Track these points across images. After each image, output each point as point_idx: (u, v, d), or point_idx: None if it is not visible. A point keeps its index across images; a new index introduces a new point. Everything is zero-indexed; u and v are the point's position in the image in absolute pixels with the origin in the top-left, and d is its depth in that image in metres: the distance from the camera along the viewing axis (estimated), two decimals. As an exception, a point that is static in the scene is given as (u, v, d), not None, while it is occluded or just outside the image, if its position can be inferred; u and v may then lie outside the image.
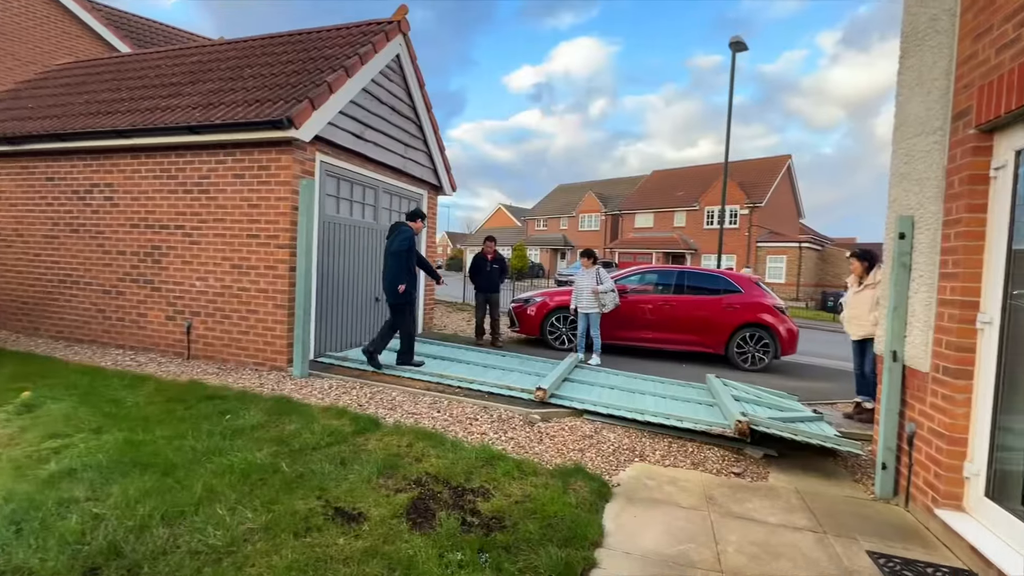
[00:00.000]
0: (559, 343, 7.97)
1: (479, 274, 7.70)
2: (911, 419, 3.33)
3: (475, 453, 3.55)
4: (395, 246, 5.37)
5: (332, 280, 6.06)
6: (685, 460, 3.91)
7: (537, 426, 4.27)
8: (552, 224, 43.70)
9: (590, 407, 4.60)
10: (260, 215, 5.36)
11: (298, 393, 4.67)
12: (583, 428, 4.31)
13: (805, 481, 3.70)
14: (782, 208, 32.33)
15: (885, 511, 3.29)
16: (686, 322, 7.66)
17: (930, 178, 3.26)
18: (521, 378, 5.50)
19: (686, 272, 8.10)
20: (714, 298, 7.69)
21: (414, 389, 4.93)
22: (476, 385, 5.09)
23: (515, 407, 4.59)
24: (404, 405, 4.54)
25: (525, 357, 6.70)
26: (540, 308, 8.01)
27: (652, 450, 4.03)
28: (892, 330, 3.46)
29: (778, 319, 7.49)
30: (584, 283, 7.02)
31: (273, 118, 4.89)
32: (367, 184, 6.69)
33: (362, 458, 3.35)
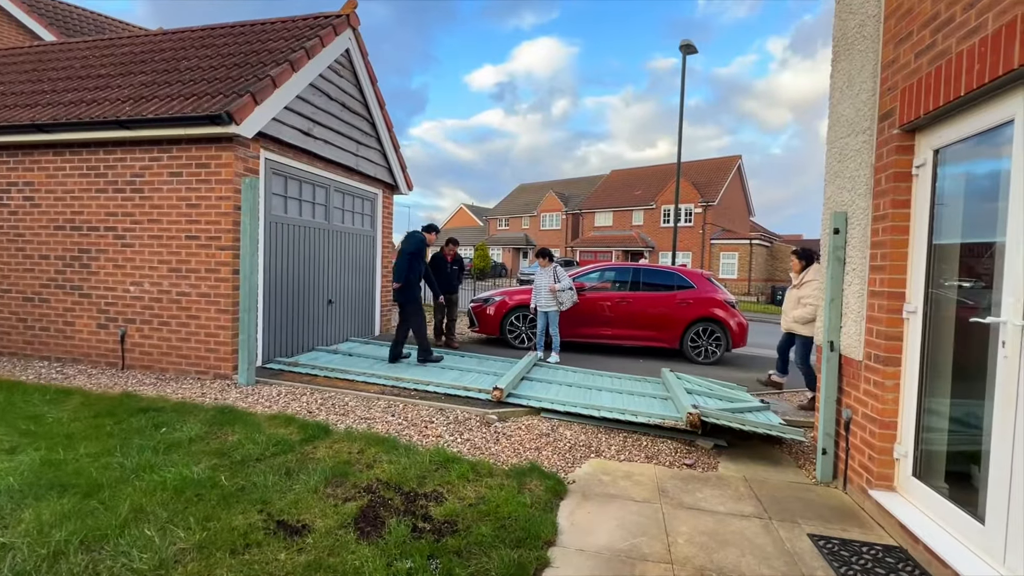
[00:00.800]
0: (519, 342, 7.97)
1: (439, 274, 7.58)
2: (847, 405, 3.49)
3: (429, 457, 3.47)
4: (403, 247, 5.92)
5: (281, 283, 5.82)
6: (639, 454, 3.97)
7: (494, 426, 4.24)
8: (514, 223, 43.82)
9: (547, 405, 4.61)
10: (200, 215, 5.07)
11: (243, 402, 4.45)
12: (540, 427, 4.31)
13: (753, 469, 3.83)
14: (734, 206, 33.64)
15: (825, 495, 3.44)
16: (642, 318, 7.82)
17: (860, 176, 3.43)
18: (479, 378, 5.45)
19: (641, 269, 8.27)
20: (668, 294, 7.88)
21: (368, 393, 4.80)
22: (432, 387, 5.00)
23: (472, 408, 4.53)
24: (357, 410, 4.40)
25: (483, 357, 6.66)
26: (499, 307, 7.98)
27: (608, 446, 4.07)
28: (829, 321, 3.62)
29: (729, 313, 7.75)
30: (542, 282, 7.04)
31: (211, 113, 4.64)
32: (318, 183, 6.47)
33: (309, 467, 3.21)
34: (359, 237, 7.53)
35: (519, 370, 5.42)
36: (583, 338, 7.89)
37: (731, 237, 29.88)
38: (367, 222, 7.79)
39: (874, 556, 2.67)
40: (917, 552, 2.62)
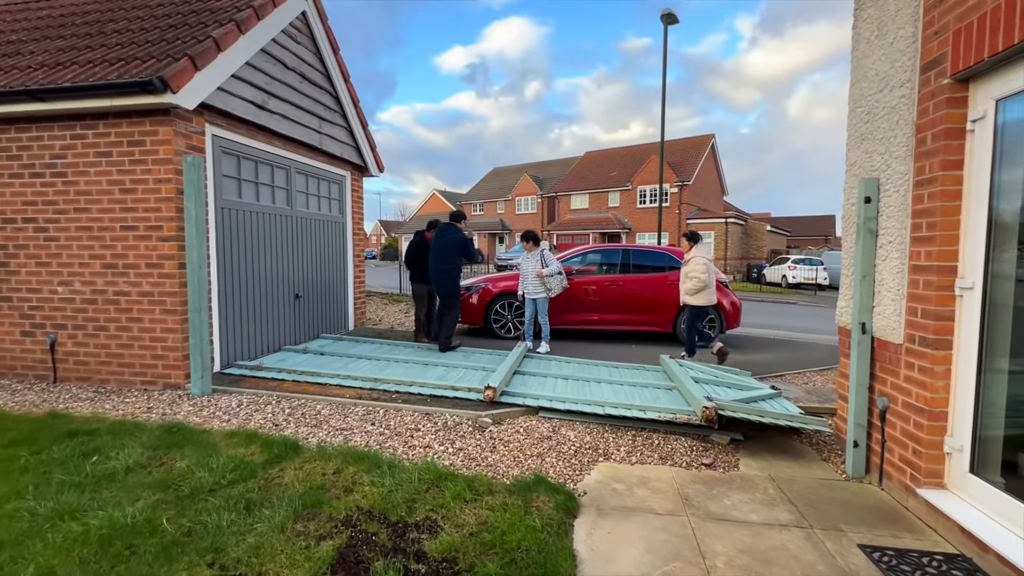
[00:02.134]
0: (505, 331, 7.50)
1: (422, 262, 6.89)
2: (882, 393, 3.16)
3: (418, 474, 2.99)
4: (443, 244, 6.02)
5: (239, 277, 5.17)
6: (652, 454, 3.57)
7: (489, 431, 3.77)
8: (489, 208, 43.07)
9: (545, 403, 4.17)
10: (137, 202, 4.37)
11: (196, 416, 3.85)
12: (540, 428, 3.87)
13: (776, 466, 3.48)
14: (708, 186, 33.72)
15: (861, 493, 3.11)
16: (633, 301, 7.45)
17: (897, 136, 3.04)
18: (467, 375, 4.97)
19: (630, 250, 7.88)
20: (659, 275, 7.51)
21: (343, 399, 4.25)
22: (416, 388, 4.49)
23: (462, 410, 4.05)
24: (331, 420, 3.86)
25: (469, 350, 6.16)
26: (483, 295, 7.48)
27: (616, 446, 3.66)
28: (859, 300, 3.26)
29: (722, 293, 7.44)
30: (528, 267, 6.56)
31: (141, 79, 3.93)
32: (277, 164, 5.78)
33: (275, 498, 2.69)
34: (327, 224, 6.87)
35: (510, 364, 4.96)
36: (571, 324, 7.48)
37: (707, 216, 29.96)
38: (335, 207, 7.13)
39: (938, 569, 2.33)
40: (987, 562, 2.29)
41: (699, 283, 5.81)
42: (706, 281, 5.81)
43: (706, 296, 5.89)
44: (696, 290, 5.87)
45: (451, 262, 6.02)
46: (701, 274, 5.79)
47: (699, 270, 5.81)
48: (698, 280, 5.80)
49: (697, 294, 5.90)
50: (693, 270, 5.86)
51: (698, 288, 5.84)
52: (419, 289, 7.00)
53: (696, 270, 5.83)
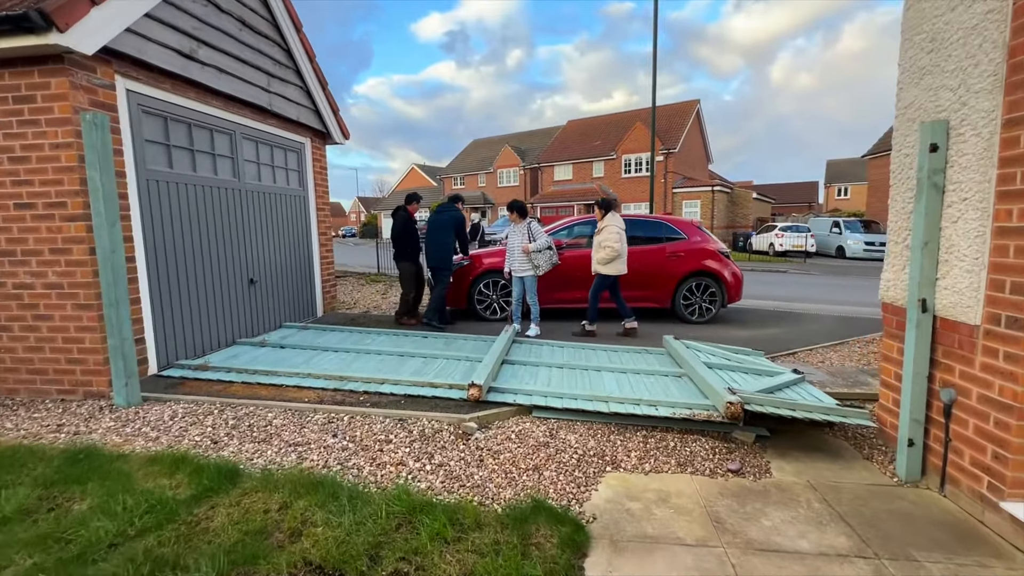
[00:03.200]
0: (490, 313, 6.86)
1: (412, 239, 6.44)
2: (947, 384, 2.62)
3: (386, 505, 2.37)
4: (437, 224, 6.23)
5: (176, 262, 4.40)
6: (669, 460, 3.02)
7: (474, 438, 3.17)
8: (470, 181, 41.85)
9: (540, 400, 3.57)
10: (32, 173, 3.56)
11: (118, 434, 3.17)
12: (535, 432, 3.27)
13: (813, 468, 2.96)
14: (693, 153, 33.06)
15: (923, 503, 2.60)
16: (630, 276, 6.81)
17: (979, 64, 2.41)
18: (447, 368, 4.34)
19: (625, 220, 7.21)
20: (656, 247, 6.91)
21: (301, 403, 3.60)
22: (388, 387, 3.85)
23: (443, 413, 3.44)
24: (284, 432, 3.21)
25: (451, 336, 5.53)
26: (465, 273, 6.79)
27: (626, 451, 3.10)
28: (919, 272, 2.68)
29: (723, 264, 6.90)
30: (515, 242, 5.89)
31: (14, 13, 3.07)
32: (217, 127, 4.94)
33: (198, 552, 2.05)
34: (285, 197, 6.06)
35: (497, 353, 4.34)
36: (559, 303, 6.87)
37: (692, 185, 29.39)
38: (294, 178, 6.31)
39: (1054, 616, 1.82)
40: (1117, 607, 1.79)
41: (612, 252, 5.73)
42: (619, 251, 5.78)
43: (618, 266, 5.84)
44: (609, 259, 5.79)
45: (446, 237, 6.17)
46: (615, 243, 5.73)
47: (613, 239, 5.73)
48: (611, 249, 5.72)
49: (610, 264, 5.82)
50: (607, 239, 5.76)
51: (611, 257, 5.77)
52: (406, 268, 6.46)
53: (610, 239, 5.74)
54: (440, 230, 6.19)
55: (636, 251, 6.91)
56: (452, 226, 6.24)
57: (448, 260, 6.22)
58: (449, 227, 6.22)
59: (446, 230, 6.20)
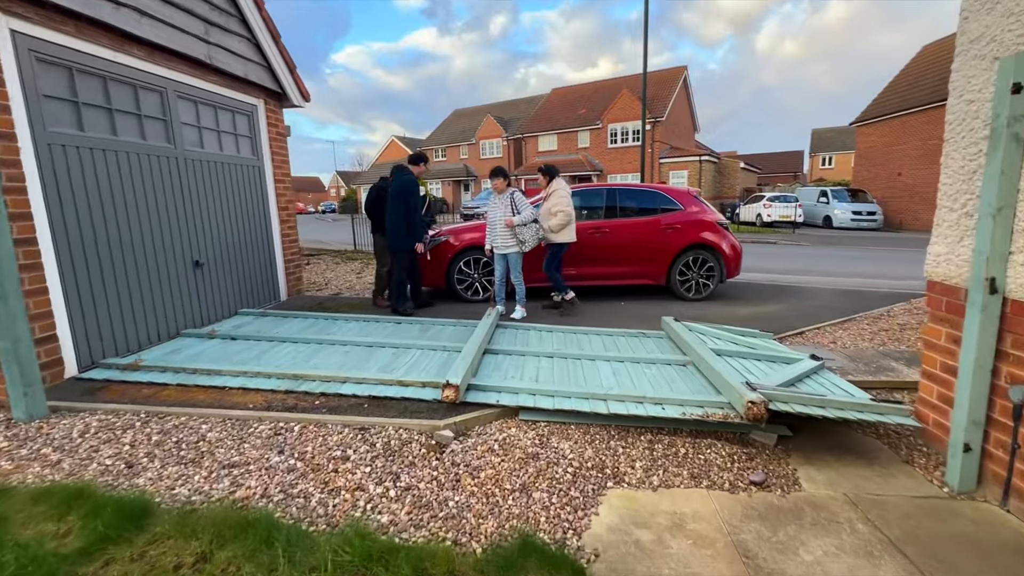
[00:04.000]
0: (471, 293, 6.30)
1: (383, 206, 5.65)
2: (1017, 380, 2.17)
3: (334, 554, 1.86)
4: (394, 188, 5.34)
5: (99, 243, 3.73)
6: (680, 471, 2.55)
7: (450, 451, 2.66)
8: (452, 154, 40.55)
9: (527, 400, 3.06)
10: None
11: (8, 459, 2.57)
12: (522, 440, 2.78)
13: (848, 476, 2.53)
14: (681, 122, 32.29)
15: (985, 521, 2.18)
16: (621, 251, 6.33)
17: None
18: (422, 360, 3.80)
19: (617, 190, 6.65)
20: (652, 219, 6.38)
21: (245, 410, 3.03)
22: (350, 386, 3.30)
23: (413, 420, 2.91)
24: (219, 449, 2.66)
25: (427, 322, 4.97)
26: (443, 251, 6.19)
27: (630, 460, 2.63)
28: (990, 244, 2.19)
29: (721, 237, 6.41)
30: (497, 215, 5.29)
31: None
32: (142, 83, 4.19)
33: (66, 641, 1.52)
34: (235, 168, 5.35)
35: (478, 341, 3.80)
36: (546, 282, 6.33)
37: (679, 155, 28.76)
38: (245, 145, 5.57)
39: None
40: None
41: (566, 216, 5.38)
42: (571, 215, 5.45)
43: (569, 232, 5.48)
44: (563, 225, 5.42)
45: (399, 208, 5.29)
46: (567, 207, 5.40)
47: (564, 203, 5.39)
48: (565, 213, 5.37)
49: (563, 230, 5.45)
50: (557, 204, 5.39)
51: (564, 223, 5.40)
52: (378, 240, 5.93)
53: (561, 203, 5.39)
54: (392, 200, 5.33)
55: (629, 224, 6.39)
56: (399, 195, 5.28)
57: (403, 237, 5.33)
58: (396, 197, 5.30)
59: (396, 200, 5.30)
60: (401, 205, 5.26)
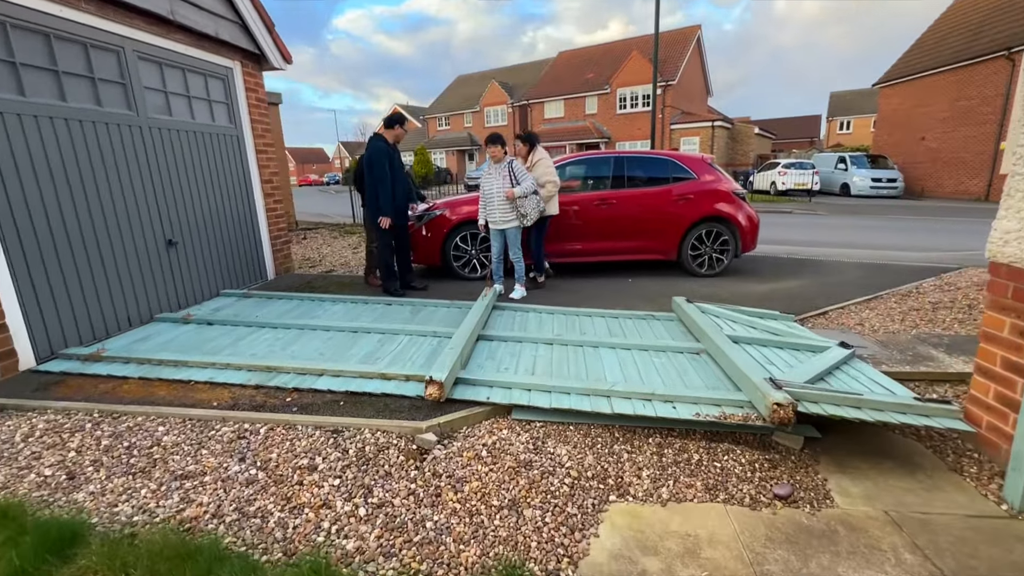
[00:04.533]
0: (469, 271, 5.94)
1: None
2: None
3: (285, 594, 1.57)
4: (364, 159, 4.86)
5: (51, 221, 3.40)
6: (693, 481, 2.24)
7: (432, 458, 2.35)
8: (455, 122, 39.47)
9: (521, 398, 2.74)
10: None
11: (-61, 468, 2.31)
12: (514, 444, 2.46)
13: (888, 490, 2.19)
14: (693, 86, 30.97)
15: (1059, 550, 1.85)
16: (630, 224, 5.90)
17: None
18: (409, 348, 3.48)
19: (625, 158, 6.16)
20: (663, 189, 5.91)
21: (208, 409, 2.74)
22: (327, 380, 2.99)
23: (391, 420, 2.60)
24: (174, 456, 2.38)
25: (419, 303, 4.64)
26: (438, 226, 5.80)
27: (635, 468, 2.31)
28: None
29: (737, 208, 5.95)
30: (493, 186, 4.86)
31: None
32: (94, 42, 3.76)
33: None
34: (210, 137, 4.94)
35: (470, 326, 3.47)
36: (550, 258, 5.95)
37: (691, 120, 27.65)
38: (221, 112, 5.14)
39: None
40: None
41: (555, 187, 5.15)
42: (558, 184, 5.23)
43: (554, 205, 5.23)
44: (552, 195, 5.15)
45: (370, 183, 4.84)
46: (554, 176, 5.15)
47: (551, 172, 5.13)
48: (554, 183, 5.13)
49: (552, 200, 5.17)
50: (545, 174, 5.11)
51: (554, 193, 5.16)
52: (367, 214, 5.40)
53: (549, 173, 5.12)
54: (365, 171, 4.84)
55: (637, 195, 5.93)
56: (367, 166, 4.76)
57: (374, 214, 4.80)
58: (366, 167, 4.78)
59: (367, 171, 4.79)
60: (370, 176, 4.78)
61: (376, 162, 4.73)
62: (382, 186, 4.75)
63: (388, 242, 4.98)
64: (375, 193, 4.79)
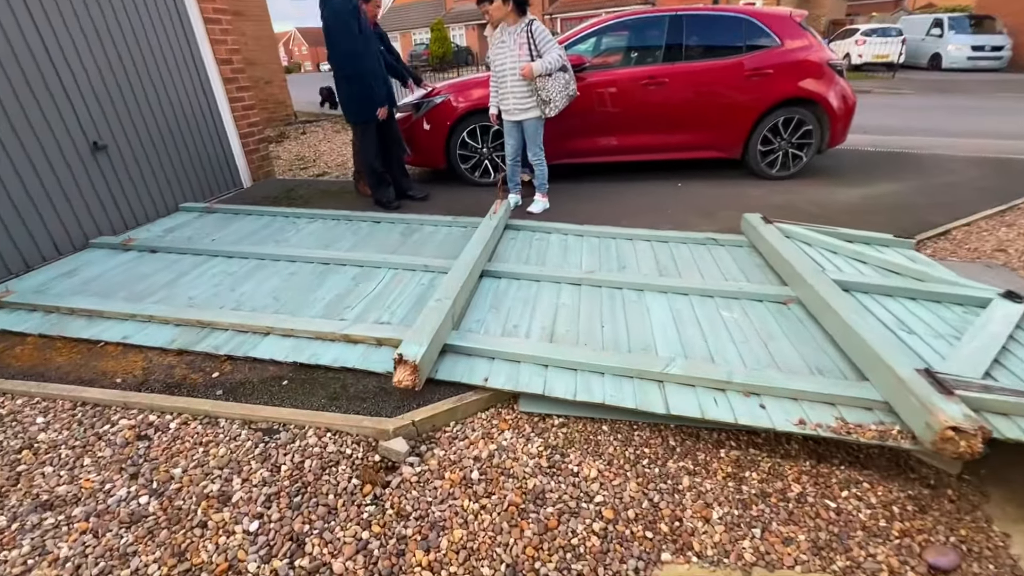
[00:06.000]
0: (480, 174, 4.85)
1: None
2: None
3: None
4: None
5: None
6: (795, 533, 1.45)
7: (399, 482, 1.61)
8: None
9: (533, 381, 1.90)
10: None
11: None
12: (519, 460, 1.69)
13: (1119, 562, 1.36)
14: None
15: None
16: (685, 111, 4.57)
17: None
18: (389, 291, 2.64)
19: (685, 18, 4.60)
20: (732, 62, 4.46)
21: (111, 389, 2.04)
22: (272, 342, 2.21)
23: (347, 417, 1.84)
24: (45, 469, 1.70)
25: (415, 220, 3.70)
26: (440, 116, 4.61)
27: (701, 506, 1.53)
28: None
29: (829, 84, 4.50)
30: (506, 60, 3.60)
31: None
32: None
33: None
34: (134, 4, 3.75)
35: (470, 263, 2.57)
36: (578, 157, 4.78)
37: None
38: (146, -35, 3.86)
39: None
40: None
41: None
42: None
43: None
44: None
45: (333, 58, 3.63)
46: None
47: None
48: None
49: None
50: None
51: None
52: None
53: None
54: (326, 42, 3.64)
55: (697, 70, 4.51)
56: (325, 34, 3.57)
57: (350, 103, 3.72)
58: (325, 36, 3.59)
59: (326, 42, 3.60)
60: (334, 51, 3.57)
61: (337, 28, 3.48)
62: (349, 62, 3.57)
63: (372, 139, 3.91)
64: (344, 74, 3.63)
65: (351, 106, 3.76)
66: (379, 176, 4.07)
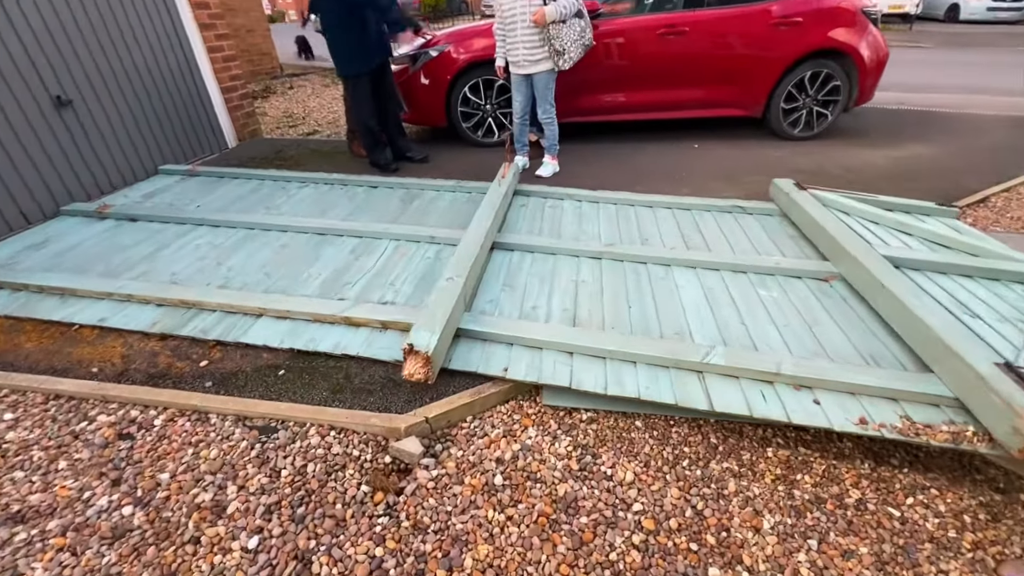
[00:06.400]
0: (483, 133, 4.52)
1: None
2: None
3: None
4: None
5: None
6: (856, 545, 1.32)
7: (414, 487, 1.45)
8: (469, -70, 32.31)
9: (558, 372, 1.72)
10: None
11: None
12: (547, 462, 1.52)
13: None
14: None
15: None
16: (704, 64, 4.21)
17: None
18: (392, 266, 2.41)
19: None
20: (757, 9, 4.07)
21: (87, 380, 1.84)
22: (264, 325, 2.00)
23: (352, 412, 1.66)
24: (15, 475, 1.52)
25: (415, 185, 3.42)
26: (440, 69, 4.23)
27: (750, 513, 1.38)
28: None
29: (861, 34, 4.14)
30: (516, 5, 3.23)
31: None
32: None
33: None
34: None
35: (481, 234, 2.34)
36: (583, 115, 4.44)
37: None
38: None
39: None
40: None
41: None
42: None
43: None
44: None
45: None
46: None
47: None
48: None
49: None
50: None
51: None
52: None
53: None
54: None
55: (719, 18, 4.13)
56: None
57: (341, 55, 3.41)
58: None
59: None
60: None
61: None
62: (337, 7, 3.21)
63: (365, 94, 3.56)
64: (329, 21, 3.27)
65: (341, 57, 3.40)
66: (375, 136, 3.75)
